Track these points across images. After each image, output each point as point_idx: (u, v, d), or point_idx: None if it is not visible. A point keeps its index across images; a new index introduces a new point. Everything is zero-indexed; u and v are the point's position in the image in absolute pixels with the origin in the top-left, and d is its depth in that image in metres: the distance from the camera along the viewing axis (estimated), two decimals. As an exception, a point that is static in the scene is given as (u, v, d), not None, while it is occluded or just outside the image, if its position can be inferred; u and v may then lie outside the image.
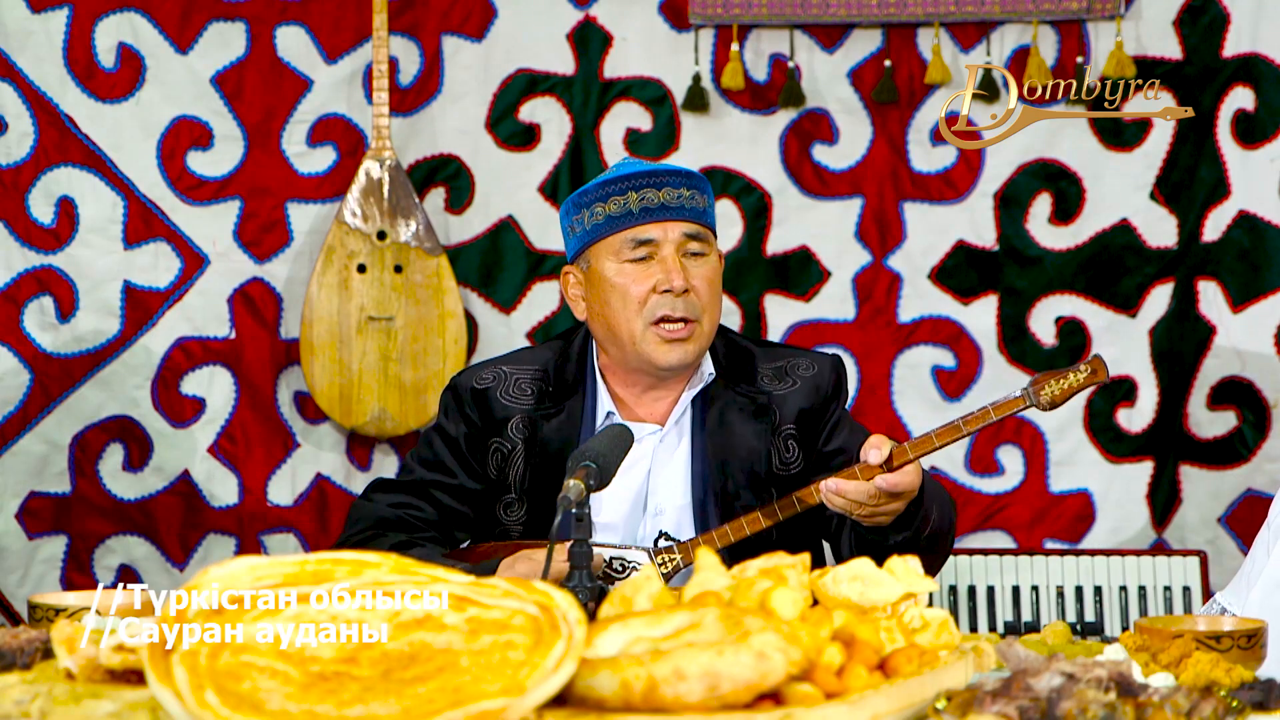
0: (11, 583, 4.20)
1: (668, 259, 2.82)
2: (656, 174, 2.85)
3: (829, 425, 2.91)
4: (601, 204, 2.84)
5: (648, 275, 2.82)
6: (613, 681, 1.51)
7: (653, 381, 2.88)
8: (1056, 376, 2.67)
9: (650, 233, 2.82)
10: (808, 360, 2.95)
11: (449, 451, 2.91)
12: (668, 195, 2.83)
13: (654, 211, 2.82)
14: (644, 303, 2.82)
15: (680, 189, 2.84)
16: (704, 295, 2.83)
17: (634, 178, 2.84)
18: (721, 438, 2.86)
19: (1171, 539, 4.26)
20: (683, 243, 2.84)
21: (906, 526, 2.65)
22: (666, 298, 2.81)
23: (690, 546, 2.75)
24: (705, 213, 2.87)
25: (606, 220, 2.84)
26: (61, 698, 1.63)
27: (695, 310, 2.82)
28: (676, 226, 2.83)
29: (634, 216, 2.82)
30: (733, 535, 2.74)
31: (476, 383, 2.92)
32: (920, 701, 1.65)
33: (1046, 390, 2.67)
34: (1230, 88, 4.23)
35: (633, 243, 2.83)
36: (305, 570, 1.62)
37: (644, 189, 2.83)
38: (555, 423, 2.87)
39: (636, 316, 2.82)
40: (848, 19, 4.26)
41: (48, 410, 4.25)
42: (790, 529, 2.85)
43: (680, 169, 2.90)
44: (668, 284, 2.80)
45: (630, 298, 2.82)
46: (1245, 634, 1.98)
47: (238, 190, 4.30)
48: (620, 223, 2.83)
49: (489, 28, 4.32)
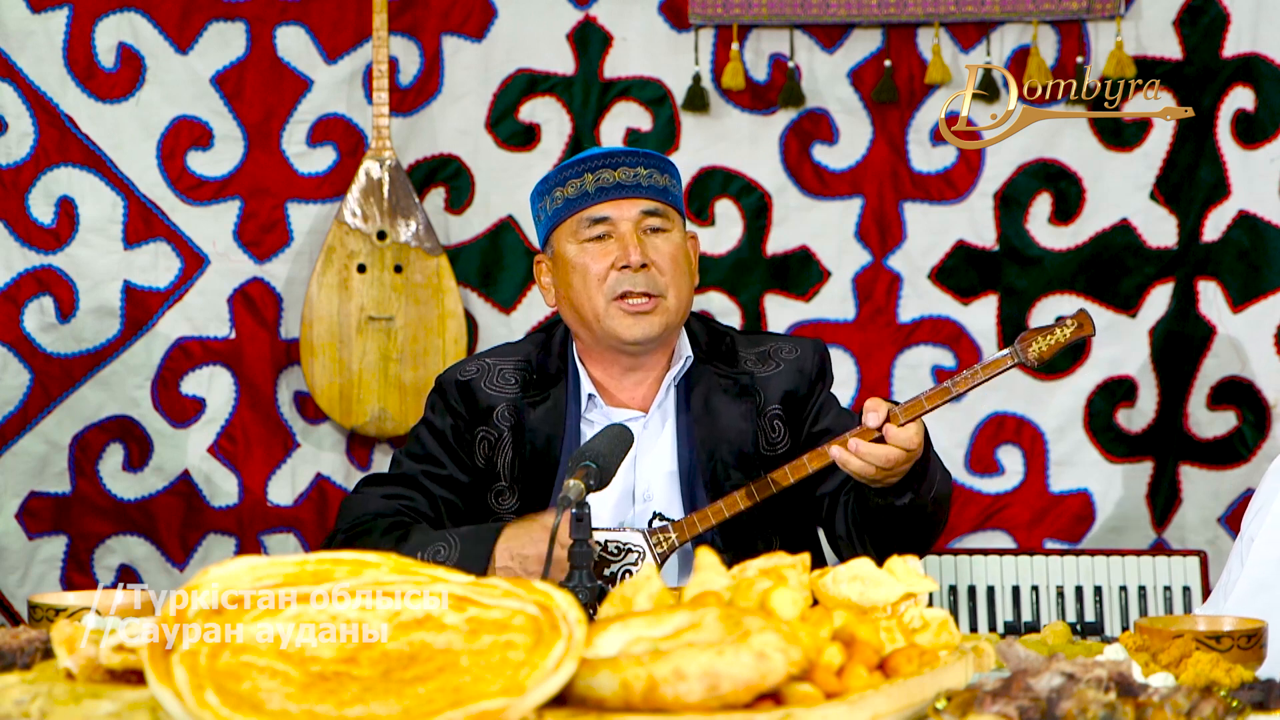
0: (11, 583, 4.20)
1: (625, 235, 2.84)
2: (613, 155, 2.88)
3: (815, 407, 2.91)
4: (560, 188, 2.87)
5: (606, 253, 2.84)
6: (613, 681, 1.51)
7: (630, 363, 2.90)
8: (1043, 333, 2.67)
9: (605, 211, 2.85)
10: (790, 344, 2.96)
11: (437, 444, 2.92)
12: (624, 174, 2.85)
13: (609, 190, 2.85)
14: (604, 280, 2.84)
15: (637, 168, 2.86)
16: (666, 270, 2.85)
17: (590, 159, 2.88)
18: (707, 420, 2.86)
19: (1171, 539, 4.26)
20: (640, 219, 2.85)
21: (912, 489, 2.64)
22: (626, 274, 2.83)
23: (685, 525, 2.75)
24: (665, 190, 2.88)
25: (565, 203, 2.87)
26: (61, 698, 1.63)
27: (657, 285, 2.83)
28: (633, 204, 2.85)
29: (589, 197, 2.85)
30: (727, 511, 2.74)
31: (460, 375, 2.95)
32: (920, 701, 1.65)
33: (1034, 347, 2.67)
34: (1230, 88, 4.23)
35: (588, 221, 2.85)
36: (305, 570, 1.62)
37: (600, 169, 2.86)
38: (541, 410, 2.88)
39: (599, 294, 2.84)
40: (848, 19, 4.26)
41: (48, 410, 4.25)
42: (785, 517, 2.85)
43: (639, 150, 2.92)
44: (625, 260, 2.82)
45: (591, 276, 2.84)
46: (1245, 634, 1.98)
47: (238, 190, 4.30)
48: (577, 204, 2.85)
49: (489, 28, 4.32)
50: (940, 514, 2.77)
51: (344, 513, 2.93)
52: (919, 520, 2.69)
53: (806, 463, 2.71)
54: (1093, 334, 2.70)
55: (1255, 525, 2.57)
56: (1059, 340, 2.66)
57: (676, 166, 2.96)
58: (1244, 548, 2.58)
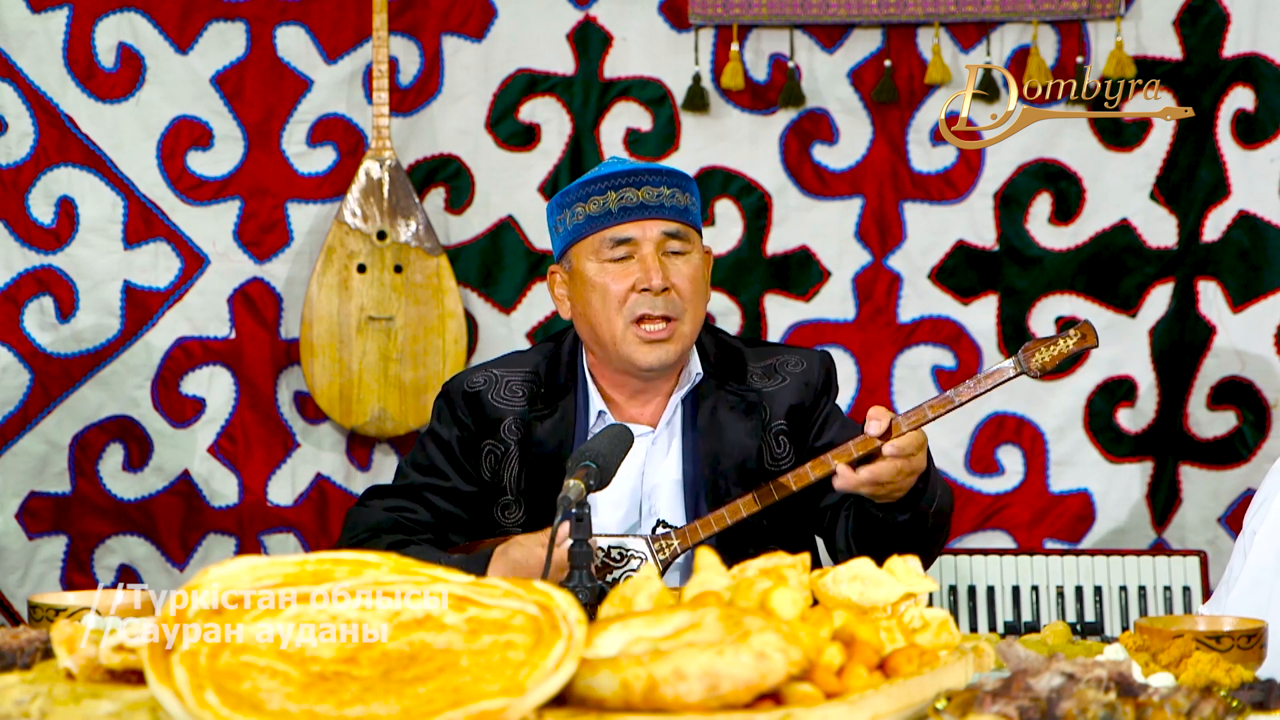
0: (11, 583, 4.20)
1: (647, 258, 2.82)
2: (636, 173, 2.86)
3: (820, 420, 2.91)
4: (582, 204, 2.86)
5: (627, 274, 2.83)
6: (613, 681, 1.51)
7: (640, 384, 2.89)
8: (1046, 343, 2.67)
9: (629, 231, 2.83)
10: (797, 357, 2.95)
11: (442, 455, 2.91)
12: (647, 194, 2.84)
13: (633, 210, 2.83)
14: (624, 301, 2.82)
15: (660, 188, 2.85)
16: (685, 293, 2.84)
17: (614, 177, 2.86)
18: (713, 437, 2.86)
19: (1171, 539, 4.26)
20: (662, 241, 2.84)
21: (912, 506, 2.64)
22: (646, 296, 2.81)
23: (687, 532, 2.75)
24: (687, 211, 2.87)
25: (587, 220, 2.85)
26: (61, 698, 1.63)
27: (676, 309, 2.83)
28: (655, 225, 2.84)
29: (613, 216, 2.83)
30: (729, 518, 2.73)
31: (468, 386, 2.93)
32: (920, 701, 1.65)
33: (1037, 358, 2.66)
34: (1230, 88, 4.23)
35: (611, 242, 2.84)
36: (305, 570, 1.62)
37: (623, 188, 2.84)
38: (549, 424, 2.87)
39: (617, 316, 2.82)
40: (848, 19, 4.26)
41: (48, 410, 4.25)
42: (787, 527, 2.85)
43: (663, 168, 2.91)
44: (646, 283, 2.81)
45: (610, 297, 2.83)
46: (1245, 634, 1.98)
47: (238, 190, 4.30)
48: (600, 222, 2.84)
49: (489, 28, 4.32)
50: (940, 528, 2.77)
51: (348, 525, 2.93)
52: (919, 534, 2.69)
53: (809, 470, 2.70)
54: (1095, 345, 2.70)
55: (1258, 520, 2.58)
56: (1062, 351, 2.66)
57: (696, 184, 2.95)
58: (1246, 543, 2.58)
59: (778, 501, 2.74)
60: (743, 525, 2.75)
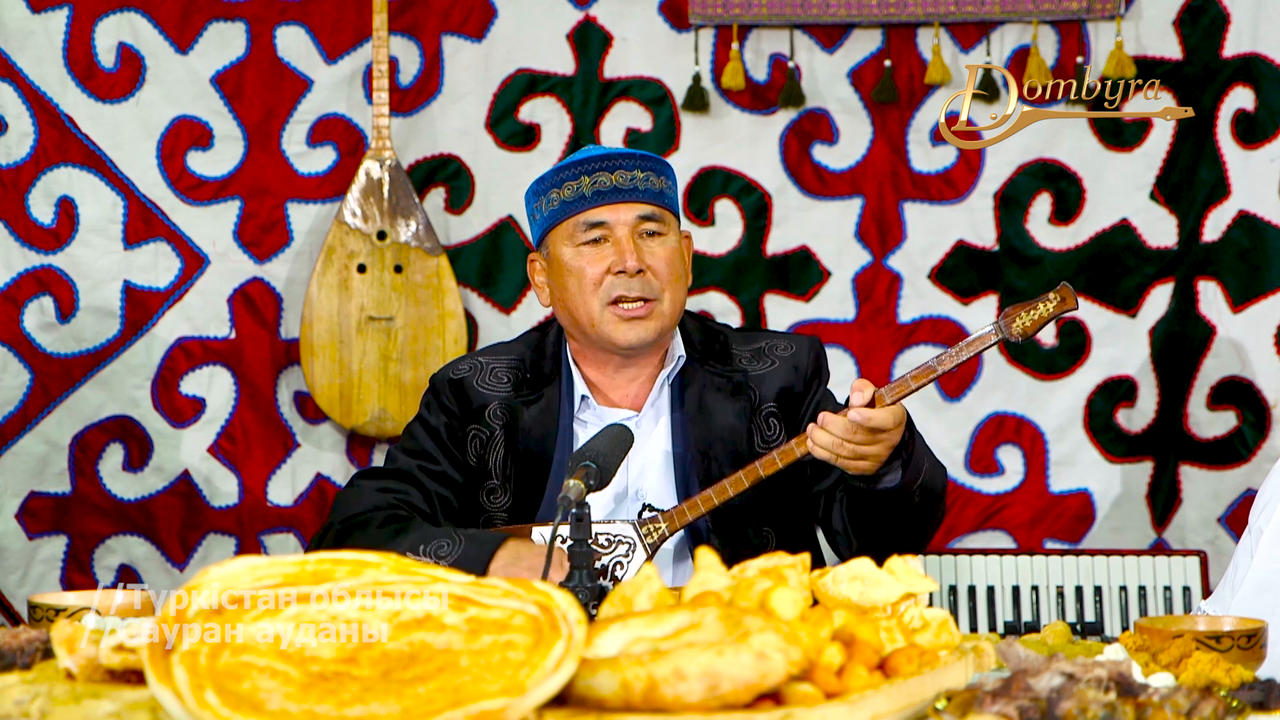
0: (11, 583, 4.20)
1: (621, 240, 2.84)
2: (610, 157, 2.88)
3: (812, 404, 2.91)
4: (557, 189, 2.88)
5: (602, 257, 2.85)
6: (613, 681, 1.51)
7: (622, 361, 2.90)
8: (1026, 308, 2.66)
9: (602, 215, 2.85)
10: (785, 341, 2.96)
11: (431, 440, 2.93)
12: (620, 178, 2.85)
13: (606, 194, 2.85)
14: (599, 284, 2.85)
15: (634, 171, 2.87)
16: (662, 274, 2.85)
17: (587, 162, 2.88)
18: (701, 419, 2.87)
19: (1171, 539, 4.26)
20: (637, 224, 2.86)
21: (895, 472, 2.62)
22: (621, 279, 2.84)
23: (674, 515, 2.75)
24: (662, 194, 2.88)
25: (561, 205, 2.87)
26: (61, 698, 1.63)
27: (652, 289, 2.84)
28: (630, 208, 2.86)
29: (586, 200, 2.85)
30: (716, 499, 2.73)
31: (453, 374, 2.96)
32: (920, 701, 1.65)
33: (1017, 322, 2.65)
34: (1230, 88, 4.23)
35: (585, 225, 2.86)
36: (305, 570, 1.62)
37: (597, 172, 2.86)
38: (534, 410, 2.89)
39: (593, 298, 2.85)
40: (848, 19, 4.26)
41: (48, 410, 4.25)
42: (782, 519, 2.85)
43: (637, 152, 2.92)
44: (621, 265, 2.83)
45: (586, 280, 2.85)
46: (1245, 634, 1.98)
47: (238, 190, 4.30)
48: (574, 207, 2.86)
49: (489, 28, 4.32)
50: (930, 506, 2.75)
51: (338, 506, 2.93)
52: (906, 510, 2.68)
53: (794, 448, 2.69)
54: (1075, 308, 2.69)
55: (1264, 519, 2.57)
56: (1041, 315, 2.65)
57: (672, 167, 2.97)
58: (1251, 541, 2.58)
59: (764, 481, 2.72)
60: (732, 507, 2.75)
